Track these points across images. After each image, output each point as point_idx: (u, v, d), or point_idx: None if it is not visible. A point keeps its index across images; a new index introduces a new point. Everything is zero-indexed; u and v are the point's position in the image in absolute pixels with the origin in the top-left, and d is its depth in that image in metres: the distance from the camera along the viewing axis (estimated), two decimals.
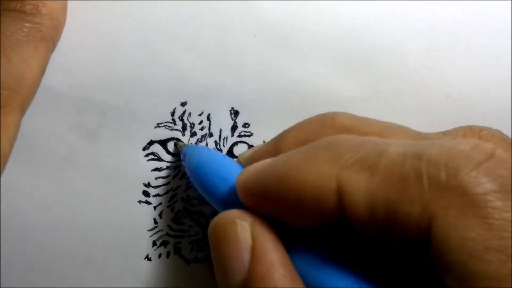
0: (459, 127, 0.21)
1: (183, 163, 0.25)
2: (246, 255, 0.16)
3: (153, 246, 0.26)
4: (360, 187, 0.15)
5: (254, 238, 0.17)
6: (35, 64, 0.22)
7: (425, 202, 0.14)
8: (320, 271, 0.16)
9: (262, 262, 0.16)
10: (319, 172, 0.16)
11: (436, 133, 0.20)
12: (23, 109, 0.22)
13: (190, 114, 0.25)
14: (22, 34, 0.21)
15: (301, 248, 0.17)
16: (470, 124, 0.26)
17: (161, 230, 0.26)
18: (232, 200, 0.19)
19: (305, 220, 0.16)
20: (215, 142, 0.26)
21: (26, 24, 0.22)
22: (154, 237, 0.26)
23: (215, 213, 0.26)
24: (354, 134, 0.18)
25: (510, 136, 0.26)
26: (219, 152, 0.24)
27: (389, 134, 0.18)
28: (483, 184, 0.13)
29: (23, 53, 0.21)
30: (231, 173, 0.20)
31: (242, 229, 0.17)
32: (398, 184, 0.14)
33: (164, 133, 0.25)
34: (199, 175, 0.22)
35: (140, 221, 0.26)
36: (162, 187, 0.26)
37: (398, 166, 0.14)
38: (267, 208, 0.17)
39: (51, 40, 0.23)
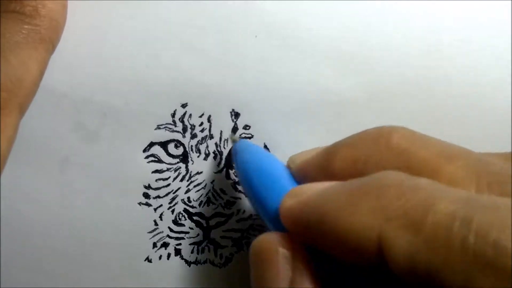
0: None
1: (233, 161, 0.24)
2: (284, 283, 0.17)
3: (153, 248, 0.26)
4: (402, 244, 0.14)
5: (293, 270, 0.17)
6: (34, 66, 0.22)
7: (468, 277, 0.13)
8: None
9: None
10: (362, 222, 0.15)
11: (499, 155, 0.19)
12: (21, 111, 0.22)
13: (190, 115, 0.25)
14: (21, 36, 0.21)
15: (340, 280, 0.17)
16: (471, 123, 0.26)
17: (162, 232, 0.26)
18: (278, 219, 0.19)
19: (345, 258, 0.16)
20: (216, 144, 0.26)
21: (25, 26, 0.22)
22: (155, 239, 0.26)
23: (216, 214, 0.26)
24: (410, 160, 0.17)
25: (510, 136, 0.26)
26: (271, 156, 0.23)
27: (448, 159, 0.17)
28: None
29: (22, 55, 0.21)
30: (281, 185, 0.20)
31: (284, 259, 0.17)
32: (441, 250, 0.13)
33: (164, 135, 0.25)
34: (249, 184, 0.21)
35: (140, 223, 0.25)
36: (162, 189, 0.26)
37: (444, 229, 0.13)
38: (308, 239, 0.17)
39: (50, 41, 0.23)
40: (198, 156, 0.26)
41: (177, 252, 0.26)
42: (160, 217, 0.26)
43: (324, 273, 0.17)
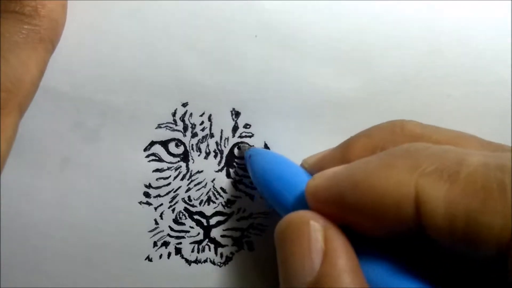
0: None
1: (246, 166, 0.24)
2: (317, 257, 0.16)
3: (154, 247, 0.26)
4: (439, 196, 0.14)
5: (326, 241, 0.16)
6: (33, 66, 0.22)
7: (507, 216, 0.13)
8: (391, 280, 0.16)
9: (333, 266, 0.16)
10: (398, 180, 0.15)
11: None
12: (21, 111, 0.22)
13: (191, 114, 0.25)
14: (21, 36, 0.21)
15: (371, 255, 0.17)
16: (470, 123, 0.26)
17: (162, 231, 0.26)
18: (299, 207, 0.19)
19: (379, 228, 0.16)
20: (216, 143, 0.26)
21: (25, 26, 0.22)
22: (155, 238, 0.26)
23: (216, 213, 0.26)
24: (427, 142, 0.17)
25: (510, 136, 0.26)
26: (284, 157, 0.24)
27: (462, 142, 0.18)
28: None
29: (22, 55, 0.21)
30: (299, 179, 0.20)
31: (315, 231, 0.17)
32: (480, 194, 0.14)
33: (165, 134, 0.25)
34: (265, 181, 0.22)
35: (141, 222, 0.26)
36: (163, 188, 0.26)
37: (480, 176, 0.14)
38: (339, 215, 0.17)
39: (50, 41, 0.23)
40: (198, 155, 0.26)
41: (178, 251, 0.26)
42: (161, 216, 0.26)
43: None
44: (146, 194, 0.26)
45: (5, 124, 0.21)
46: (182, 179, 0.26)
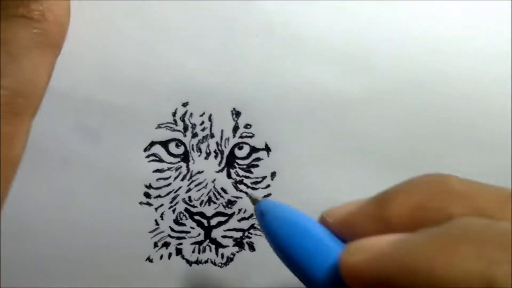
0: None
1: (259, 223, 0.20)
2: None
3: (154, 247, 0.26)
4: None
5: None
6: (44, 71, 0.22)
7: None
8: None
9: None
10: (463, 267, 0.14)
11: None
12: (34, 116, 0.22)
13: (191, 114, 0.25)
14: (32, 41, 0.21)
15: None
16: (471, 123, 0.26)
17: (163, 232, 0.26)
18: (331, 281, 0.17)
19: None
20: (217, 143, 0.26)
21: (34, 31, 0.21)
22: (156, 239, 0.26)
23: (217, 214, 0.26)
24: (472, 205, 0.16)
25: (510, 136, 0.26)
26: (306, 216, 0.20)
27: (506, 206, 0.17)
28: None
29: (34, 60, 0.21)
30: (326, 248, 0.17)
31: None
32: None
33: (165, 134, 0.25)
34: (286, 250, 0.18)
35: (141, 222, 0.25)
36: (163, 188, 0.26)
37: None
38: None
39: (57, 46, 0.23)
40: (199, 155, 0.26)
41: (178, 251, 0.26)
42: (161, 216, 0.26)
43: None
44: (147, 195, 0.25)
45: (23, 130, 0.21)
46: (182, 180, 0.26)
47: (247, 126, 0.26)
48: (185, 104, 0.25)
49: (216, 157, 0.26)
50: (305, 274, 0.17)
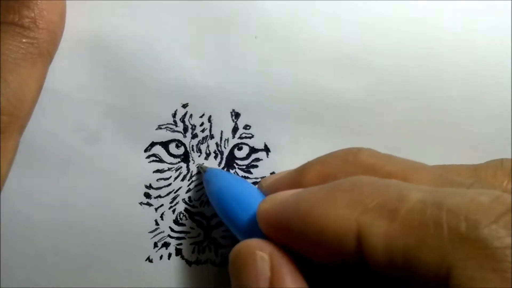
0: (491, 162, 0.21)
1: (205, 187, 0.25)
2: (264, 286, 0.17)
3: (154, 247, 0.26)
4: (379, 232, 0.15)
5: (272, 270, 0.17)
6: (33, 84, 0.21)
7: (444, 252, 0.14)
8: None
9: None
10: (340, 215, 0.16)
11: (467, 166, 0.20)
12: (21, 131, 0.22)
13: (191, 115, 0.25)
14: (20, 52, 0.21)
15: (319, 280, 0.17)
16: (471, 124, 0.26)
17: (163, 232, 0.26)
18: (253, 228, 0.20)
19: (324, 256, 0.17)
20: (216, 144, 0.26)
21: (24, 40, 0.21)
22: (156, 239, 0.26)
23: (216, 214, 0.26)
24: (376, 174, 0.18)
25: (510, 136, 0.26)
26: (240, 178, 0.25)
27: (412, 174, 0.18)
28: (502, 238, 0.13)
29: (22, 74, 0.21)
30: (253, 200, 0.21)
31: (262, 261, 0.17)
32: (417, 232, 0.14)
33: (165, 135, 0.25)
34: (220, 200, 0.22)
35: (141, 222, 0.26)
36: (163, 189, 0.26)
37: (418, 213, 0.14)
38: (287, 240, 0.18)
39: (48, 54, 0.22)
40: (199, 156, 0.26)
41: (178, 252, 0.26)
42: (161, 217, 0.26)
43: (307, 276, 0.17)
44: (147, 195, 0.26)
45: (6, 148, 0.21)
46: (182, 180, 0.26)
47: (247, 127, 0.26)
48: (185, 105, 0.25)
49: (216, 157, 0.26)
50: (235, 224, 0.21)
